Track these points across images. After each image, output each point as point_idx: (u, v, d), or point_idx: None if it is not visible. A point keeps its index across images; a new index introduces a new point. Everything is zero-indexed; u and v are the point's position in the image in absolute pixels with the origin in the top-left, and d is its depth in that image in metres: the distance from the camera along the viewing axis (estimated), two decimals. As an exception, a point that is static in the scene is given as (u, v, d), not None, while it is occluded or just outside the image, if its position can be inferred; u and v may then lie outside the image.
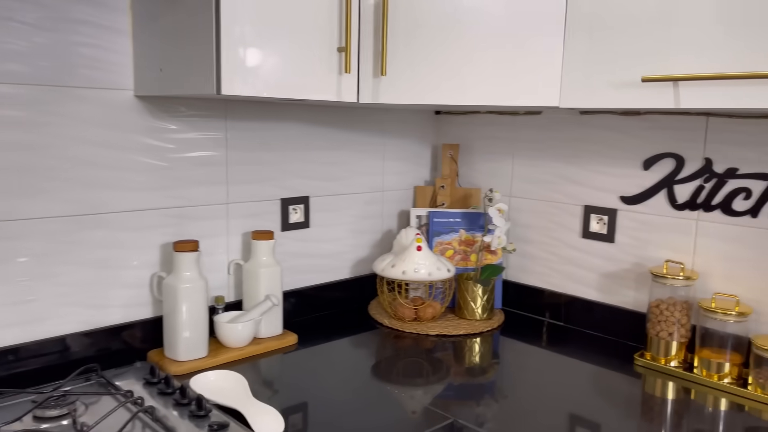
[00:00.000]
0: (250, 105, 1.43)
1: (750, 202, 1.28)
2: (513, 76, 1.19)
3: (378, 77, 1.20)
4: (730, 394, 1.22)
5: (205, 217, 1.39)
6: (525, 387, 1.23)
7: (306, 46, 1.11)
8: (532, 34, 1.17)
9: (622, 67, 1.08)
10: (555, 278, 1.62)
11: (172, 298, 1.25)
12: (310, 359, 1.34)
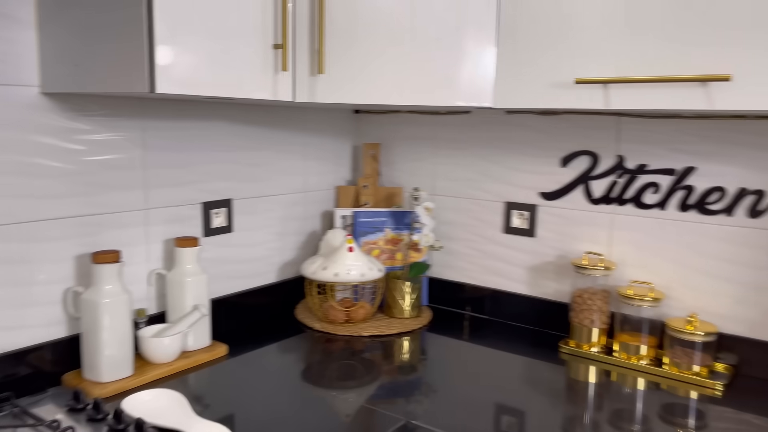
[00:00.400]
0: (168, 103, 1.34)
1: (659, 195, 1.38)
2: (449, 78, 1.20)
3: (315, 76, 1.17)
4: (648, 374, 1.32)
5: (122, 224, 1.28)
6: (457, 381, 1.25)
7: (242, 43, 1.05)
8: (468, 38, 1.19)
9: (557, 70, 1.13)
10: (479, 273, 1.67)
11: (92, 315, 1.14)
12: (243, 369, 1.28)
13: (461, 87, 1.21)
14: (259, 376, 1.25)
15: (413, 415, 1.09)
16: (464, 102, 1.21)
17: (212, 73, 1.02)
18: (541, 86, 1.15)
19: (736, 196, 1.30)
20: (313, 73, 1.17)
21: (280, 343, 1.44)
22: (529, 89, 1.17)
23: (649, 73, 1.04)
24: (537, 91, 1.16)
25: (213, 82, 1.02)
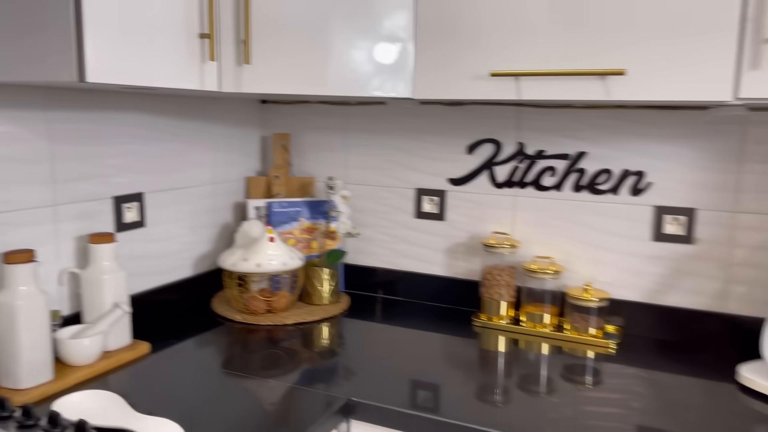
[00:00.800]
0: (76, 93, 1.27)
1: (555, 178, 1.53)
2: (372, 69, 1.25)
3: (241, 66, 1.16)
4: (551, 339, 1.46)
5: (28, 222, 1.20)
6: (377, 361, 1.30)
7: (169, 32, 1.03)
8: (385, 33, 1.25)
9: (475, 63, 1.22)
10: (393, 257, 1.74)
11: (7, 319, 1.07)
12: (168, 366, 1.25)
13: (386, 79, 1.26)
14: (184, 371, 1.23)
15: (334, 399, 1.13)
16: (384, 93, 1.27)
17: (138, 62, 0.99)
18: (459, 78, 1.23)
19: (621, 177, 1.47)
20: (240, 64, 1.17)
21: (202, 337, 1.42)
22: (448, 81, 1.25)
23: (556, 67, 1.15)
24: (455, 83, 1.24)
25: (140, 71, 1.00)
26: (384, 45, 1.25)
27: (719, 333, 1.41)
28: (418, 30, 1.26)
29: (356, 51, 1.23)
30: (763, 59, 1.02)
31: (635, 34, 1.10)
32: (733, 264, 1.39)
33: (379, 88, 1.26)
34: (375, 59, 1.25)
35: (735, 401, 1.14)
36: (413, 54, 1.27)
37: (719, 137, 1.37)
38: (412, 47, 1.26)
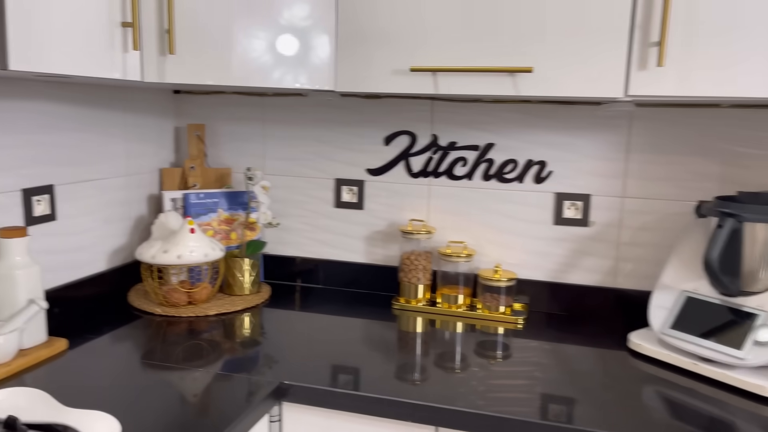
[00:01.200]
0: (-21, 79, 1.20)
1: (466, 168, 1.63)
2: (296, 62, 1.28)
3: (165, 56, 1.16)
4: (466, 318, 1.56)
5: (-70, 216, 1.13)
6: (300, 348, 1.33)
7: (91, 20, 1.01)
8: (309, 26, 1.28)
9: (395, 58, 1.28)
10: (313, 246, 1.78)
11: None
12: (88, 362, 1.23)
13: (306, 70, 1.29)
14: (105, 366, 1.21)
15: (258, 385, 1.15)
16: (309, 85, 1.30)
17: (62, 50, 0.97)
18: (380, 73, 1.29)
19: (525, 166, 1.59)
20: (163, 53, 1.16)
21: (121, 331, 1.39)
22: (370, 75, 1.30)
23: (470, 64, 1.24)
24: (377, 77, 1.30)
25: (63, 60, 0.97)
26: (287, 37, 1.28)
27: (612, 306, 1.58)
28: (339, 24, 1.30)
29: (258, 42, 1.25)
30: (649, 61, 1.16)
31: (542, 36, 1.21)
32: (621, 244, 1.56)
33: (280, 81, 1.28)
34: (278, 51, 1.27)
35: (626, 365, 1.29)
36: (335, 47, 1.31)
37: (610, 130, 1.53)
38: (327, 40, 1.31)
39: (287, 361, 1.25)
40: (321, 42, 1.30)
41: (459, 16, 1.24)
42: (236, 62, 1.23)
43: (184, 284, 1.57)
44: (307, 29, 1.28)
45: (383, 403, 1.11)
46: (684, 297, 1.31)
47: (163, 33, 1.15)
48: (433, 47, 1.26)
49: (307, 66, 1.29)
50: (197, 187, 1.75)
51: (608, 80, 1.18)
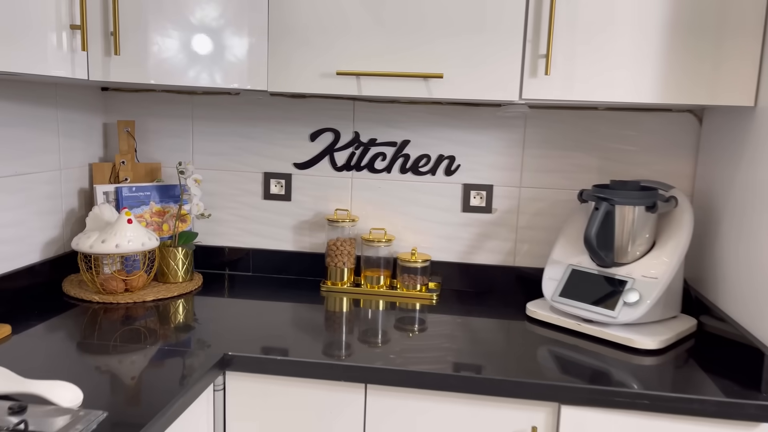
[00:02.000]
0: None
1: (385, 162, 1.81)
2: (233, 63, 1.40)
3: (110, 56, 1.24)
4: (387, 297, 1.74)
5: None
6: (231, 332, 1.43)
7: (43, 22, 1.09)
8: (245, 30, 1.41)
9: (323, 61, 1.43)
10: (243, 236, 1.89)
11: None
12: (32, 346, 1.30)
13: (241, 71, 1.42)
14: (49, 349, 1.28)
15: (192, 368, 1.26)
16: (241, 85, 1.43)
17: (10, 49, 1.04)
18: (310, 75, 1.44)
19: (437, 161, 1.79)
20: (108, 54, 1.25)
21: (60, 318, 1.46)
22: (299, 77, 1.45)
23: (390, 69, 1.41)
24: (306, 78, 1.44)
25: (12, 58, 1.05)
26: (241, 41, 1.41)
27: (512, 282, 1.81)
28: (271, 28, 1.44)
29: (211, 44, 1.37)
30: (539, 70, 1.38)
31: (451, 49, 1.40)
32: (519, 228, 1.79)
33: (237, 81, 1.41)
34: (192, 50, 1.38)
35: (525, 329, 1.51)
36: (266, 49, 1.44)
37: (509, 129, 1.75)
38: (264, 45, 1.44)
39: (227, 338, 1.37)
40: (255, 44, 1.43)
41: (380, 31, 1.41)
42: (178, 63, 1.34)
43: (120, 273, 1.64)
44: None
45: (318, 366, 1.26)
46: (570, 269, 1.55)
47: (109, 35, 1.24)
48: (356, 53, 1.43)
49: (243, 67, 1.42)
50: (128, 181, 1.82)
51: (506, 86, 1.40)
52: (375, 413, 1.28)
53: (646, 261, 1.47)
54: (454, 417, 1.26)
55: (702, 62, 1.33)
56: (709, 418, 1.17)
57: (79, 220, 1.79)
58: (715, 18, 1.31)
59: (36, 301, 1.56)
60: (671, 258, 1.45)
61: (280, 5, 1.43)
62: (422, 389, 1.26)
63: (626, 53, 1.35)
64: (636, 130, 1.70)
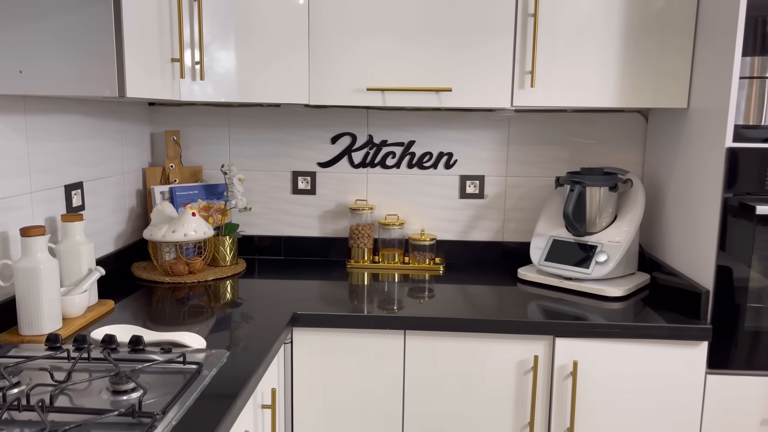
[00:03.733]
0: (37, 99, 1.53)
1: (395, 160, 2.18)
2: (293, 82, 1.75)
3: (195, 80, 1.57)
4: (400, 271, 2.10)
5: (11, 207, 1.46)
6: (284, 300, 1.83)
7: (152, 58, 1.42)
8: (290, 58, 1.75)
9: (354, 79, 1.79)
10: (276, 226, 2.23)
11: (30, 279, 1.35)
12: (131, 316, 1.61)
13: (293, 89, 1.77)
14: (151, 318, 1.61)
15: (272, 325, 1.63)
16: (294, 100, 1.77)
17: (148, 79, 1.36)
18: (343, 90, 1.79)
19: (438, 157, 2.17)
20: (194, 79, 1.57)
21: (141, 295, 1.77)
22: (334, 91, 1.80)
23: (409, 85, 1.78)
24: (340, 93, 1.80)
25: (150, 86, 1.37)
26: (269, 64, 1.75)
27: (502, 255, 2.20)
28: (311, 53, 1.79)
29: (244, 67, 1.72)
30: (526, 83, 1.77)
31: (459, 69, 1.78)
32: (507, 210, 2.19)
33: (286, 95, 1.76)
34: (261, 74, 1.74)
35: (518, 290, 1.90)
36: (307, 70, 1.79)
37: (497, 129, 2.15)
38: (306, 68, 1.79)
39: (286, 304, 1.72)
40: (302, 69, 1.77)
41: (401, 57, 1.78)
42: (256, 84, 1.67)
43: (182, 258, 1.95)
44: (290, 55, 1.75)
45: (368, 318, 1.62)
46: (551, 240, 1.95)
47: (195, 65, 1.57)
48: (381, 72, 1.79)
49: (295, 85, 1.76)
50: (177, 182, 2.13)
51: (500, 96, 1.78)
52: (412, 353, 1.65)
53: (611, 230, 1.89)
54: (473, 351, 1.64)
55: (646, 74, 1.75)
56: (664, 339, 1.59)
57: (139, 216, 2.09)
58: (657, 36, 1.74)
59: (115, 284, 1.86)
60: (629, 227, 1.87)
61: (320, 34, 1.78)
62: (448, 331, 1.63)
63: (591, 69, 1.76)
64: (597, 128, 2.12)
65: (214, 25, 1.67)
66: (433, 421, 1.66)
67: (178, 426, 1.03)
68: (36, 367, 1.23)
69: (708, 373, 1.60)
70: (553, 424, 1.64)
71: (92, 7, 1.24)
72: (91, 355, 1.25)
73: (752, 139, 1.57)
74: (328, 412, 1.67)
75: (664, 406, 1.61)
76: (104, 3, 1.24)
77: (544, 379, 1.63)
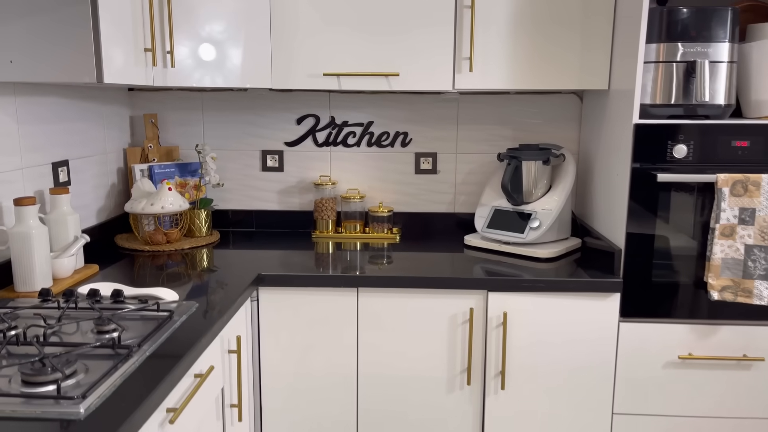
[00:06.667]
0: (26, 85, 1.72)
1: (356, 139, 2.38)
2: (254, 66, 1.94)
3: (166, 68, 1.77)
4: (361, 239, 2.32)
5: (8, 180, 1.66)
6: (254, 264, 2.04)
7: (129, 48, 1.61)
8: (250, 40, 1.95)
9: (312, 65, 1.99)
10: (248, 201, 2.43)
11: (23, 243, 1.55)
12: (117, 278, 1.82)
13: (254, 74, 1.96)
14: (131, 279, 1.82)
15: (238, 284, 1.85)
16: (255, 85, 1.97)
17: (128, 68, 1.56)
18: (302, 75, 2.00)
19: (394, 136, 2.38)
20: (166, 66, 1.77)
21: (128, 260, 1.97)
22: (295, 76, 2.00)
23: (361, 70, 1.99)
24: (300, 78, 2.00)
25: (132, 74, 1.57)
26: (232, 52, 1.95)
27: (453, 225, 2.42)
28: (273, 41, 1.98)
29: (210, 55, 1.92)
30: (463, 68, 1.98)
31: (407, 56, 1.98)
32: (457, 184, 2.40)
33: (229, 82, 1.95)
34: (226, 62, 1.94)
35: (464, 255, 2.12)
36: (270, 57, 1.99)
37: (446, 110, 2.35)
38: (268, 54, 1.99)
39: (254, 267, 1.93)
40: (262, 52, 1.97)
41: (355, 39, 1.98)
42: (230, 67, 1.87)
43: (160, 229, 2.16)
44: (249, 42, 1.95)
45: (325, 278, 1.84)
46: (493, 209, 2.17)
47: (166, 54, 1.76)
48: (336, 59, 1.99)
49: (258, 71, 1.96)
50: (156, 160, 2.33)
51: (443, 79, 1.99)
52: (364, 308, 1.87)
53: (545, 199, 2.11)
54: (418, 306, 1.86)
55: (573, 59, 1.97)
56: (582, 292, 1.82)
57: (121, 193, 2.29)
58: (582, 24, 1.95)
59: (100, 252, 2.06)
60: (560, 196, 2.09)
61: (281, 26, 1.98)
62: (396, 288, 1.85)
63: (523, 54, 1.97)
64: (538, 108, 2.34)
65: (184, 16, 1.86)
66: (382, 357, 1.89)
67: (151, 356, 1.24)
68: (30, 314, 1.44)
69: (621, 321, 1.84)
70: (488, 369, 1.87)
71: (73, 6, 1.44)
72: (79, 305, 1.47)
73: (657, 116, 1.79)
74: (292, 359, 1.89)
75: (584, 350, 1.85)
76: (83, 2, 1.44)
77: (480, 330, 1.86)
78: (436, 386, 1.89)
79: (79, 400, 1.02)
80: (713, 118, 1.78)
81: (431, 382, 1.89)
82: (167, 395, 1.17)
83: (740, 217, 1.69)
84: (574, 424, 1.89)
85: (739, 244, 1.70)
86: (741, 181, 1.68)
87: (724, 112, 1.78)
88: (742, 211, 1.69)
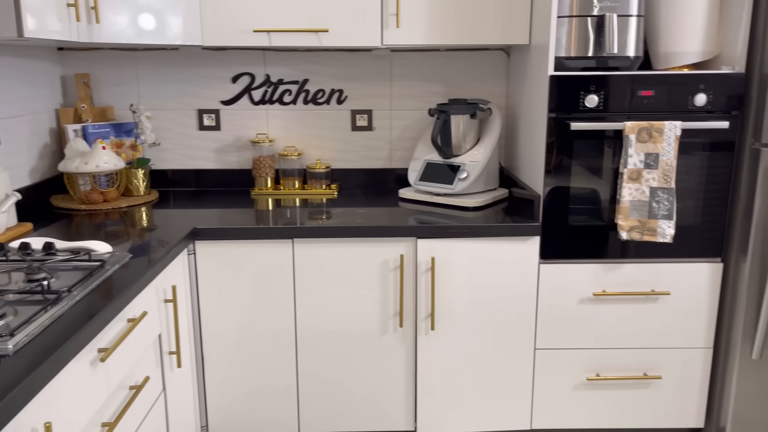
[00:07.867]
0: None
1: (292, 97, 2.42)
2: (178, 24, 1.95)
3: (91, 24, 1.77)
4: (300, 196, 2.38)
5: (-70, 138, 1.65)
6: (193, 220, 2.08)
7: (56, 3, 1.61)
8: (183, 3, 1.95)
9: (243, 22, 2.01)
10: (185, 160, 2.45)
11: (-49, 200, 1.56)
12: (54, 235, 1.84)
13: (185, 31, 1.97)
14: (65, 237, 1.84)
15: (174, 237, 1.90)
16: (185, 42, 1.98)
17: (45, 21, 1.56)
18: (233, 32, 2.02)
19: (330, 94, 2.43)
20: (91, 22, 1.76)
21: (65, 220, 1.99)
22: (226, 33, 2.02)
23: (290, 26, 2.02)
24: (231, 35, 2.02)
25: (48, 28, 1.56)
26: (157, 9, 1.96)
27: (390, 180, 2.50)
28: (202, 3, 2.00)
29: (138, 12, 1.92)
30: (390, 24, 2.03)
31: (332, 9, 2.02)
32: (392, 140, 2.48)
33: (159, 37, 1.97)
34: (154, 18, 1.95)
35: (399, 208, 2.21)
36: (199, 14, 2.00)
37: (377, 67, 2.41)
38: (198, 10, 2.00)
39: (191, 222, 1.97)
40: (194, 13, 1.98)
41: (285, 1, 2.01)
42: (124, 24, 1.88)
43: (96, 189, 2.17)
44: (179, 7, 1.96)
45: (260, 230, 1.90)
46: (425, 163, 2.26)
47: (90, 9, 1.76)
48: (266, 15, 2.02)
49: (186, 28, 1.97)
50: (89, 120, 2.32)
51: (372, 35, 2.04)
52: (300, 258, 1.94)
53: (472, 152, 2.21)
54: (351, 254, 1.94)
55: (496, 15, 2.04)
56: (505, 236, 1.93)
57: (54, 153, 2.28)
58: (503, -14, 2.03)
59: (34, 212, 2.06)
60: (486, 149, 2.19)
61: (207, -18, 1.99)
62: (329, 237, 1.93)
63: (448, 11, 2.04)
64: (468, 65, 2.42)
65: (109, -27, 1.85)
66: (318, 302, 1.97)
67: (81, 301, 1.29)
68: (-39, 268, 1.46)
69: (541, 263, 1.96)
70: (419, 311, 1.98)
71: (-13, -43, 1.43)
72: (9, 257, 1.49)
73: (571, 68, 1.89)
74: (231, 308, 1.96)
75: (507, 291, 1.97)
76: (-3, -47, 1.43)
77: (411, 275, 1.96)
78: (371, 328, 1.99)
79: (6, 337, 1.07)
80: (623, 69, 1.89)
81: (367, 323, 1.99)
82: (97, 334, 1.23)
83: (645, 161, 1.82)
84: (500, 359, 2.02)
85: (644, 186, 1.83)
86: (646, 128, 1.80)
87: (633, 63, 1.89)
88: (647, 156, 1.82)
